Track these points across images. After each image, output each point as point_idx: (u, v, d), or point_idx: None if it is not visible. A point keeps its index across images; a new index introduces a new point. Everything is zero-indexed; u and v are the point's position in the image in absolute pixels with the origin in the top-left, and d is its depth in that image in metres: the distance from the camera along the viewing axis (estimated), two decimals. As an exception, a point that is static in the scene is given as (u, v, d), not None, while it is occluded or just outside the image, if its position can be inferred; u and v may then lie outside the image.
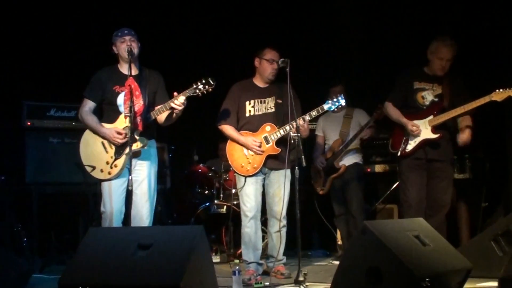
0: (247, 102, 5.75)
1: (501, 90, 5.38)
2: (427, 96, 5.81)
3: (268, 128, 5.65)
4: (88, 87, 5.28)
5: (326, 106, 5.51)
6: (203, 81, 4.97)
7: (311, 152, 7.00)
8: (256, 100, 5.75)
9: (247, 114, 5.74)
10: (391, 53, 7.55)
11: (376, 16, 7.88)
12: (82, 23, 7.63)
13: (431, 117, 5.71)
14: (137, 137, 5.02)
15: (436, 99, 5.79)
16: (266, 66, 5.70)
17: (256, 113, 5.73)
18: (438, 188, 5.83)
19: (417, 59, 6.00)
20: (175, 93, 5.02)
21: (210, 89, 5.00)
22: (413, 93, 5.86)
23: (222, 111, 5.79)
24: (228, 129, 5.74)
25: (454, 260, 4.24)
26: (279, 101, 5.67)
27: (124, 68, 5.22)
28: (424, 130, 5.72)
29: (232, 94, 5.82)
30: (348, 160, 6.76)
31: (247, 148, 5.64)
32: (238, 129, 5.75)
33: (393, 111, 5.96)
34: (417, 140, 5.75)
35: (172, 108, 5.03)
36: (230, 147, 5.77)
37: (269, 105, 5.74)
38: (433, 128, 5.70)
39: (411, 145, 5.78)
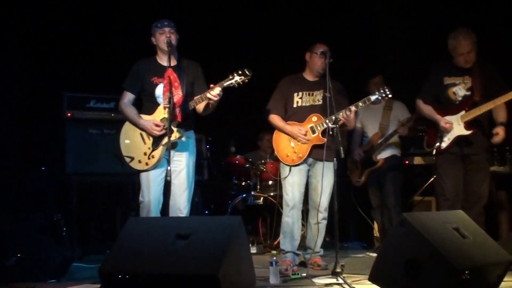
0: (295, 94, 5.79)
1: None
2: (459, 91, 5.71)
3: (314, 118, 5.66)
4: (127, 79, 5.34)
5: (373, 98, 5.49)
6: (240, 72, 4.98)
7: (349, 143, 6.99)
8: (304, 92, 5.78)
9: (295, 105, 5.78)
10: (430, 44, 7.45)
11: (415, 6, 7.80)
12: (121, 13, 7.70)
13: (463, 112, 5.62)
14: (174, 129, 5.05)
15: (468, 93, 5.68)
16: (317, 60, 5.71)
17: (304, 105, 5.76)
18: (474, 180, 5.74)
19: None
20: (212, 85, 5.04)
21: (246, 80, 5.00)
22: (444, 89, 5.76)
23: (271, 101, 5.85)
24: (275, 118, 5.78)
25: (494, 253, 4.20)
26: (328, 94, 5.66)
27: (162, 59, 5.27)
28: (457, 126, 5.64)
29: (281, 86, 5.88)
30: (386, 153, 6.74)
31: (293, 136, 5.67)
32: (286, 119, 5.78)
33: (425, 108, 5.89)
34: (451, 137, 5.67)
35: (209, 99, 5.06)
36: (277, 137, 5.81)
37: (317, 98, 5.76)
38: (466, 124, 5.61)
39: (445, 142, 5.70)
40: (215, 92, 4.99)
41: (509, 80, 5.54)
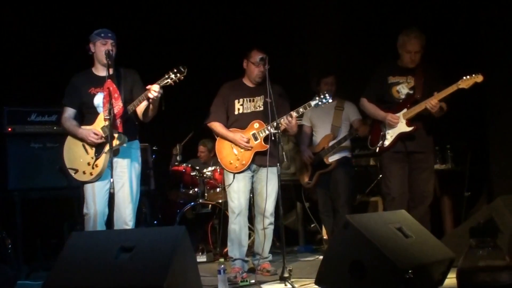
0: (236, 101, 5.78)
1: (467, 77, 5.38)
2: (402, 90, 5.82)
3: (256, 125, 5.67)
4: (65, 94, 5.31)
5: (313, 103, 5.52)
6: (175, 70, 4.98)
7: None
8: (245, 99, 5.78)
9: (236, 112, 5.77)
10: (377, 45, 7.54)
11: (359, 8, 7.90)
12: (60, 26, 7.60)
13: (405, 110, 5.72)
14: (115, 135, 5.01)
15: (411, 92, 5.79)
16: (253, 69, 5.73)
17: (245, 111, 5.76)
18: (420, 179, 5.83)
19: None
20: (148, 86, 5.02)
21: (182, 77, 4.99)
22: (388, 88, 5.86)
23: (212, 109, 5.83)
24: (217, 126, 5.77)
25: (436, 251, 4.26)
26: (268, 100, 5.68)
27: (99, 70, 5.25)
28: (399, 123, 5.73)
29: (222, 93, 5.86)
30: (338, 155, 6.68)
31: (236, 144, 5.66)
32: (228, 127, 5.77)
33: (369, 106, 5.98)
34: (393, 134, 5.76)
35: (148, 99, 5.02)
36: (219, 144, 5.80)
37: (258, 104, 5.76)
38: (408, 121, 5.70)
39: (388, 140, 5.79)
40: (154, 90, 4.95)
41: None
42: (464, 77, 5.39)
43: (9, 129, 6.79)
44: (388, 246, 3.90)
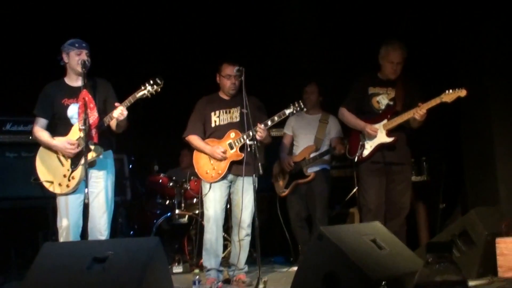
0: (213, 113, 5.81)
1: (450, 91, 5.42)
2: (382, 100, 5.86)
3: (232, 134, 5.69)
4: (37, 104, 5.25)
5: (287, 111, 5.55)
6: (151, 82, 4.98)
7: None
8: (221, 111, 5.81)
9: (213, 125, 5.80)
10: (357, 56, 7.57)
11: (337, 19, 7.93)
12: (34, 35, 7.56)
13: (385, 121, 5.76)
14: (91, 147, 4.98)
15: (391, 103, 5.84)
16: (225, 82, 5.78)
17: (222, 123, 5.79)
18: (396, 191, 5.86)
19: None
20: (116, 104, 5.01)
21: (159, 89, 5.00)
22: (368, 98, 5.90)
23: (189, 123, 5.86)
24: (194, 139, 5.80)
25: (410, 263, 4.27)
26: (244, 110, 5.69)
27: (71, 80, 5.24)
28: (379, 134, 5.75)
29: (198, 107, 5.90)
30: (317, 167, 6.72)
31: (212, 156, 5.68)
32: (205, 138, 5.80)
33: (349, 116, 6.00)
34: (373, 144, 5.79)
35: (115, 118, 5.03)
36: (196, 155, 5.83)
37: (234, 115, 5.79)
38: (388, 132, 5.74)
39: (367, 150, 5.82)
40: (117, 112, 4.96)
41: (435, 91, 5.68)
42: (447, 91, 5.43)
43: (-17, 138, 6.75)
44: (362, 258, 3.91)
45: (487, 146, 6.44)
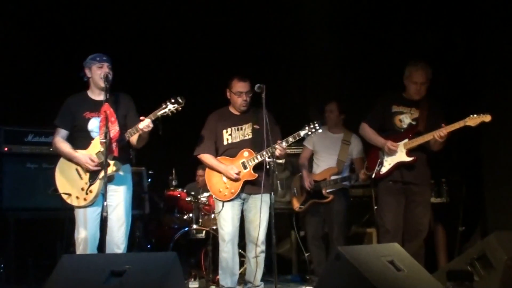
0: (224, 131, 5.80)
1: (475, 115, 5.40)
2: (405, 119, 5.84)
3: (246, 153, 5.69)
4: (59, 115, 5.29)
5: (302, 133, 5.54)
6: (172, 100, 5.00)
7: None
8: (233, 128, 5.80)
9: (225, 143, 5.80)
10: (377, 75, 7.57)
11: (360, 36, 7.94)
12: (59, 47, 7.65)
13: (406, 140, 5.72)
14: (111, 162, 5.01)
15: (414, 123, 5.81)
16: (236, 99, 5.78)
17: (234, 141, 5.78)
18: (415, 212, 5.80)
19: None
20: (142, 117, 5.05)
21: (180, 108, 5.03)
22: (391, 116, 5.87)
23: (200, 140, 5.84)
24: (207, 157, 5.80)
25: (428, 285, 4.25)
26: (256, 126, 5.70)
27: (94, 94, 5.28)
28: (399, 152, 5.72)
29: (209, 124, 5.88)
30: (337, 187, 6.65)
31: (226, 176, 5.67)
32: (218, 155, 5.79)
33: (370, 132, 5.98)
34: (392, 162, 5.76)
35: (140, 130, 5.05)
36: (209, 173, 5.83)
37: (246, 132, 5.78)
38: (408, 151, 5.71)
39: (385, 168, 5.79)
40: (143, 124, 5.00)
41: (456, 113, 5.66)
42: (471, 115, 5.40)
43: (5, 148, 6.82)
44: (379, 279, 3.89)
45: (507, 169, 6.39)
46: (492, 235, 5.12)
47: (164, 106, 5.01)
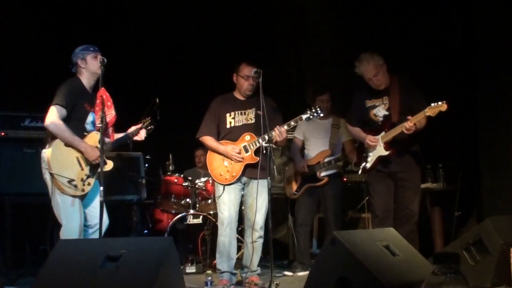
0: (228, 114, 5.82)
1: (433, 104, 5.29)
2: (379, 113, 5.78)
3: (247, 137, 5.70)
4: (62, 95, 5.09)
5: (304, 116, 5.60)
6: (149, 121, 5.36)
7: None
8: (236, 112, 5.82)
9: (228, 126, 5.81)
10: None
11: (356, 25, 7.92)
12: (54, 32, 7.63)
13: (383, 133, 5.69)
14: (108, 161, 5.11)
15: (387, 113, 5.75)
16: (242, 82, 5.78)
17: (237, 124, 5.80)
18: (404, 198, 5.76)
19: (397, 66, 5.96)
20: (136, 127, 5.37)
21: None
22: (367, 112, 5.86)
23: (203, 123, 5.87)
24: (208, 139, 5.81)
25: (423, 270, 4.27)
26: (260, 112, 5.70)
27: (88, 87, 5.27)
28: (378, 147, 5.71)
29: (213, 107, 5.90)
30: (330, 170, 6.70)
31: (227, 156, 5.69)
32: (220, 139, 5.81)
33: (352, 130, 6.06)
34: (373, 157, 5.75)
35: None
36: (210, 156, 5.84)
37: (249, 116, 5.80)
38: (386, 144, 5.66)
39: (369, 162, 5.78)
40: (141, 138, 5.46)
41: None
42: (432, 104, 5.30)
43: (2, 133, 6.78)
44: (374, 264, 3.90)
45: (504, 154, 6.40)
46: (488, 220, 5.14)
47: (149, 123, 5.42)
